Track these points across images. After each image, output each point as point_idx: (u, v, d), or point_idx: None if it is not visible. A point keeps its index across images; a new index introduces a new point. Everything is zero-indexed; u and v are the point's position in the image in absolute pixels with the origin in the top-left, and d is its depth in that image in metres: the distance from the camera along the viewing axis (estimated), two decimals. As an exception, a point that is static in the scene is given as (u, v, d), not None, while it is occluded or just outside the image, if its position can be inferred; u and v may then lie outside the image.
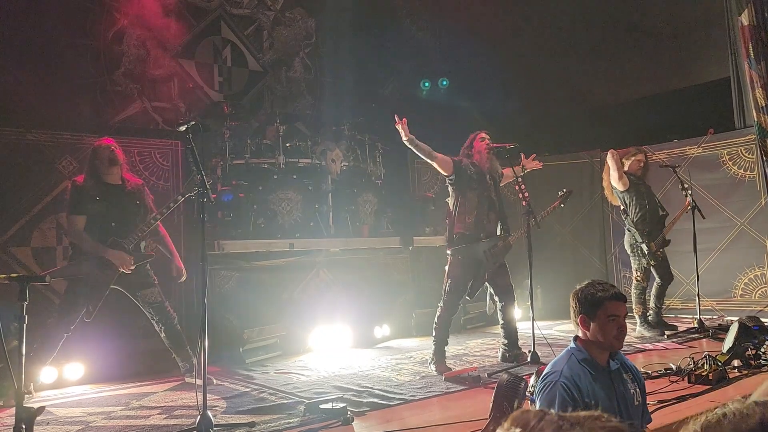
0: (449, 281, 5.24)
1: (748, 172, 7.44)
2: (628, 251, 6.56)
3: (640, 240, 6.37)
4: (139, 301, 4.86)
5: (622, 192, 6.47)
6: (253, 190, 6.52)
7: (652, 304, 6.57)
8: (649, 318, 6.51)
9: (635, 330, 6.34)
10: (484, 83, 9.26)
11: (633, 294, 6.51)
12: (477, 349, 6.16)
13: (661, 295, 6.60)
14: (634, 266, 6.54)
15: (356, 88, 9.06)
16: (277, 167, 6.75)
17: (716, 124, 7.81)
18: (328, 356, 5.92)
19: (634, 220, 6.41)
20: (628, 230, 6.47)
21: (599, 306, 2.44)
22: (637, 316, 6.49)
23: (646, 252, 6.35)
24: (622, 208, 6.54)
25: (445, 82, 9.76)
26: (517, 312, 5.64)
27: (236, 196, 6.47)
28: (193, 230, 6.13)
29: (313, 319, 6.22)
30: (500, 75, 9.25)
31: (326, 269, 6.88)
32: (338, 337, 6.26)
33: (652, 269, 6.49)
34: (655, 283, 6.58)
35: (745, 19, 7.16)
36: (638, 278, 6.49)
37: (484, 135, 5.43)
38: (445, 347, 5.25)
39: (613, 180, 6.44)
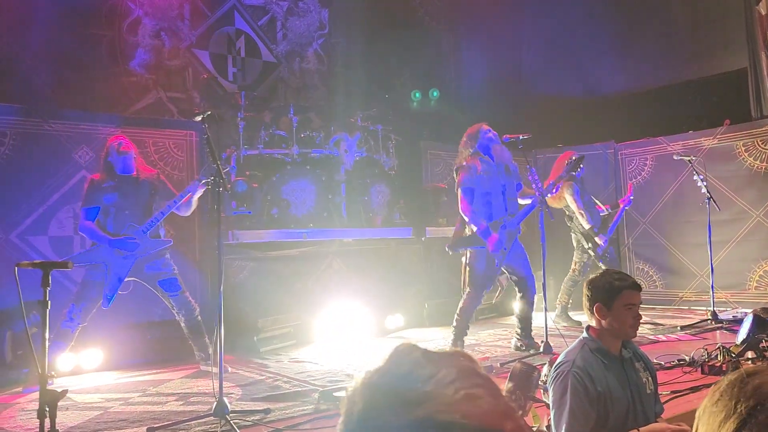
0: (471, 272, 5.19)
1: (765, 164, 7.34)
2: (575, 245, 6.77)
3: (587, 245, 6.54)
4: (159, 292, 4.92)
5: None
6: (267, 180, 6.56)
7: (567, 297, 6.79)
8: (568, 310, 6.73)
9: (552, 319, 6.24)
10: (496, 74, 9.22)
11: (565, 284, 6.77)
12: (489, 340, 6.18)
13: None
14: (576, 259, 6.76)
15: (370, 78, 9.04)
16: (290, 158, 6.78)
17: (732, 115, 7.73)
18: (341, 345, 5.96)
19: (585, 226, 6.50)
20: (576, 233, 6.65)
21: (617, 295, 2.44)
22: (559, 306, 6.70)
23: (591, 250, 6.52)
24: (567, 214, 6.66)
25: (435, 93, 9.58)
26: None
27: (250, 187, 6.51)
28: (207, 221, 6.18)
29: (326, 308, 6.27)
30: (514, 66, 9.20)
31: (339, 259, 6.92)
32: (352, 326, 6.30)
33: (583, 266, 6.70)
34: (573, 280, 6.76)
35: (763, 8, 7.07)
36: (575, 270, 6.72)
37: (488, 127, 5.30)
38: (464, 338, 5.26)
39: (579, 216, 6.46)
